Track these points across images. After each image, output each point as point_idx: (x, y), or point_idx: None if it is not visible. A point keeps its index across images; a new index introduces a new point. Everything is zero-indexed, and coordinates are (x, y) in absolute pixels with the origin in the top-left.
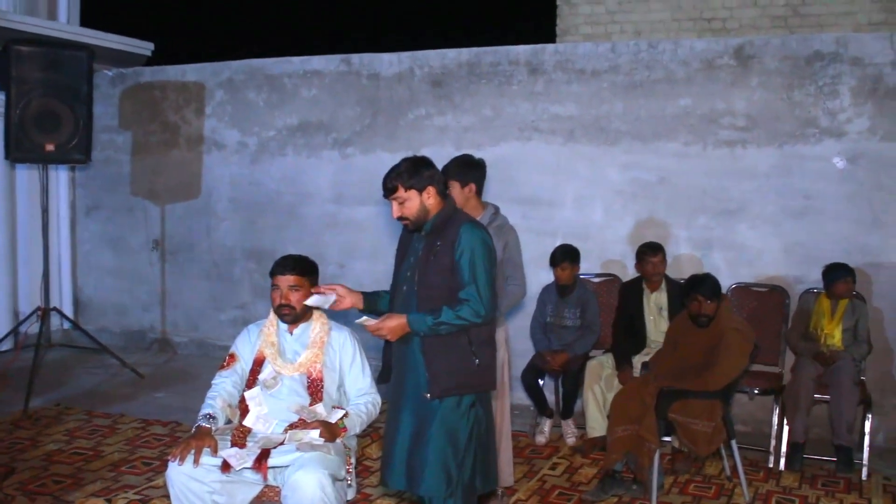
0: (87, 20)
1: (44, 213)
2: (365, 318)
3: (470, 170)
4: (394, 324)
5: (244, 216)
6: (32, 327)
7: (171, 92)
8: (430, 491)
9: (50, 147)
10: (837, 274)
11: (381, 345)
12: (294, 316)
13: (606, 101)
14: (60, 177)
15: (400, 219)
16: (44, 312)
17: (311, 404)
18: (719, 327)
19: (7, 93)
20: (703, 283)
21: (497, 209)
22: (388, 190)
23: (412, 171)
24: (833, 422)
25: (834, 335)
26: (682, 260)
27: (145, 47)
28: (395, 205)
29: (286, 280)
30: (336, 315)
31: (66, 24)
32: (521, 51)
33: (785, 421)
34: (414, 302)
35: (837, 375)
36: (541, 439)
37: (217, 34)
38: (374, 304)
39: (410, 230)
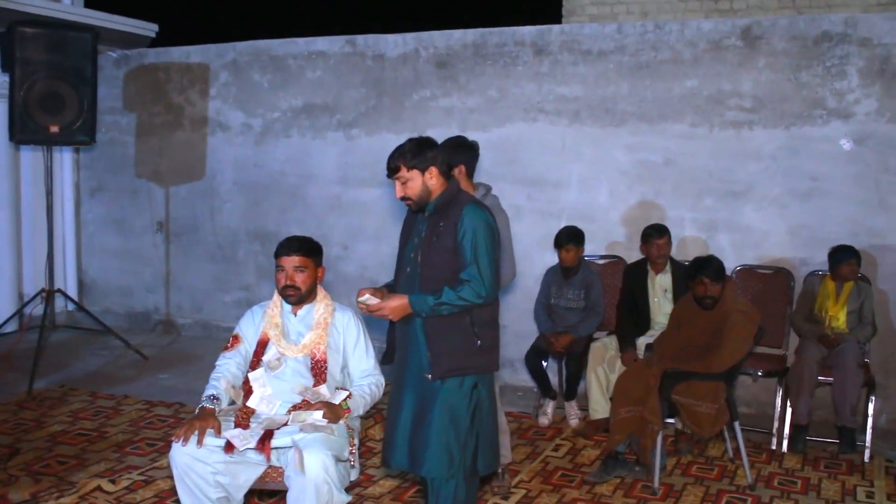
0: (91, 1)
1: (48, 195)
2: (367, 296)
3: (459, 151)
4: (395, 304)
5: (248, 198)
6: (37, 309)
7: (176, 73)
8: (432, 472)
9: (54, 129)
10: (842, 256)
11: (386, 326)
12: (299, 297)
13: (612, 82)
14: (65, 158)
15: (403, 199)
16: (48, 294)
17: (314, 385)
18: (724, 309)
19: (11, 74)
20: (708, 265)
21: (488, 189)
22: (391, 170)
23: (415, 152)
24: (836, 404)
25: (838, 317)
26: (688, 242)
27: (149, 28)
28: (397, 185)
29: (291, 261)
30: (340, 296)
31: (70, 6)
32: (527, 31)
33: (788, 403)
34: (417, 283)
35: (841, 357)
36: (544, 421)
37: (221, 15)
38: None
39: (413, 210)
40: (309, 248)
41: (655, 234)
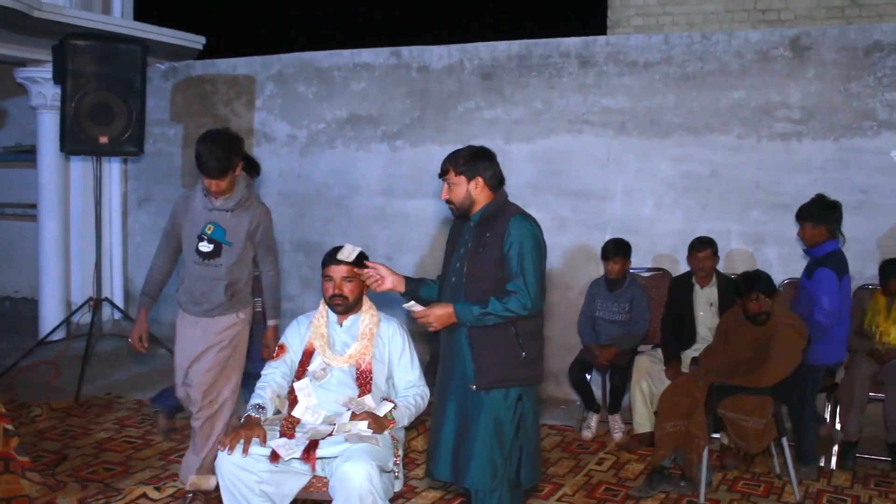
0: (140, 14)
1: (97, 205)
2: (413, 302)
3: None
4: (440, 312)
5: (293, 209)
6: (84, 317)
7: (222, 85)
8: (476, 483)
9: (104, 139)
10: (892, 270)
11: (429, 337)
12: (346, 306)
13: (658, 94)
14: (113, 169)
15: (447, 202)
16: (96, 303)
17: (359, 395)
18: (773, 323)
19: (63, 86)
20: (762, 281)
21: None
22: (442, 171)
23: (468, 159)
24: (887, 420)
25: (890, 332)
26: (734, 255)
27: (197, 41)
28: (444, 186)
29: (339, 270)
30: (383, 307)
31: (120, 19)
32: (572, 43)
33: (838, 419)
34: (462, 293)
35: (893, 373)
36: (587, 434)
37: (267, 28)
38: (415, 289)
39: (455, 215)
40: (357, 258)
41: (700, 247)
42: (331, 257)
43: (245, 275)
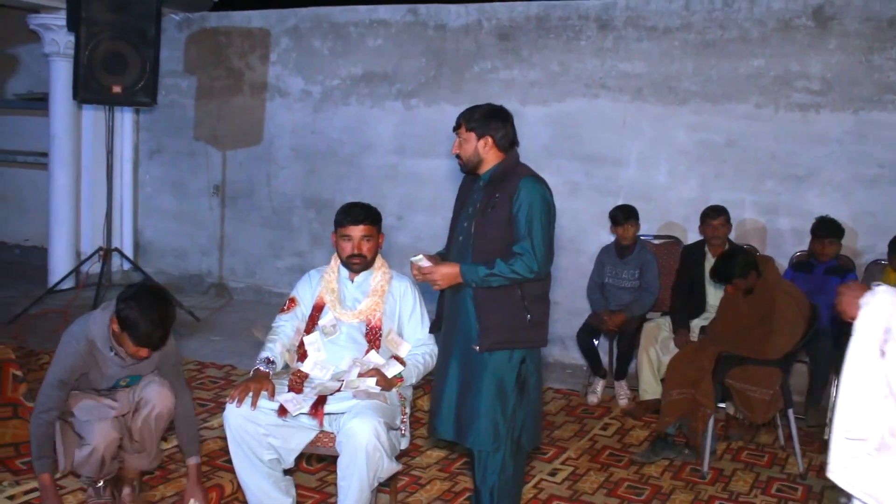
0: None
1: (108, 155)
2: (420, 256)
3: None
4: (446, 271)
5: (305, 164)
6: (94, 267)
7: (237, 38)
8: (479, 444)
9: (117, 89)
10: None
11: (436, 295)
12: (364, 265)
13: (677, 60)
14: (125, 119)
15: (456, 156)
16: (105, 253)
17: (367, 351)
18: (768, 293)
19: (76, 34)
20: (737, 266)
21: None
22: (456, 125)
23: (482, 116)
24: None
25: None
26: (747, 225)
27: None
28: (456, 140)
29: (359, 230)
30: (392, 267)
31: None
32: (592, 5)
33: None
34: (469, 253)
35: None
36: (593, 399)
37: None
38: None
39: (462, 171)
40: (374, 217)
41: (713, 215)
42: (348, 217)
43: None
